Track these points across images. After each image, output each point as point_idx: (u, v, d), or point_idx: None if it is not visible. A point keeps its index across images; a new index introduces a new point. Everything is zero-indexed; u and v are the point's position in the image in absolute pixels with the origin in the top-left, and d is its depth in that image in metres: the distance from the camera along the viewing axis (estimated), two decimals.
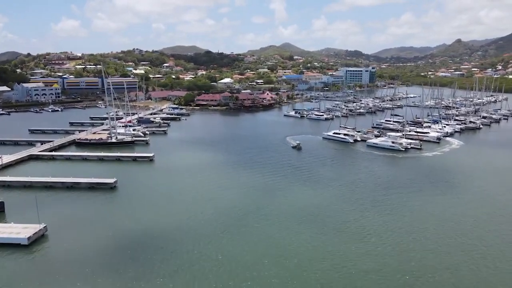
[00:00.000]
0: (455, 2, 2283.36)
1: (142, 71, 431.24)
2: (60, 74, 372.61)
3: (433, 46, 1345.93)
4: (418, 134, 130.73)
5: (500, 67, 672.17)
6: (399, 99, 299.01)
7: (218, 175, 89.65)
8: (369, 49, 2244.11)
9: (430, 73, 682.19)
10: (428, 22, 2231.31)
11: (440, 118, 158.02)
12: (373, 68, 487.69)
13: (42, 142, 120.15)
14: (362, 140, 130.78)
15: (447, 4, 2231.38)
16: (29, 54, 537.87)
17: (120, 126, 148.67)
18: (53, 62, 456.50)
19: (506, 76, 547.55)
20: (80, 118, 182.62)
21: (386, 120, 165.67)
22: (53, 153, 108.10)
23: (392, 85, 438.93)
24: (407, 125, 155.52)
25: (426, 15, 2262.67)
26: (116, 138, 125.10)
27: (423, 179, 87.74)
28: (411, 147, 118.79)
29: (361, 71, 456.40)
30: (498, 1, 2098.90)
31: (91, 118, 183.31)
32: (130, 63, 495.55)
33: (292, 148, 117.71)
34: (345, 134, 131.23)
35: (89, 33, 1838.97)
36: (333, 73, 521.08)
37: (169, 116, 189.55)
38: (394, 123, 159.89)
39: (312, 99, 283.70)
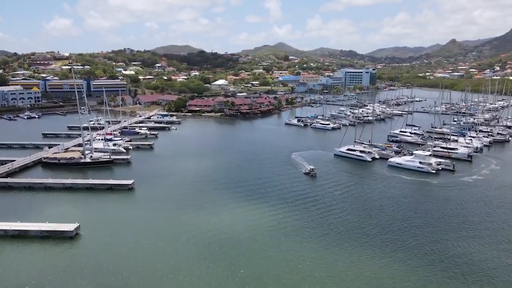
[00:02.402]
0: (450, 2, 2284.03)
1: (132, 72, 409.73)
2: (44, 75, 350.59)
3: (427, 46, 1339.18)
4: (448, 151, 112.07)
5: (498, 68, 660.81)
6: (404, 103, 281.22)
7: (215, 227, 64.55)
8: (363, 49, 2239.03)
9: (428, 73, 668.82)
10: (422, 22, 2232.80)
11: (467, 129, 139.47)
12: (373, 69, 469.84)
13: (2, 162, 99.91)
14: (380, 158, 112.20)
15: (441, 4, 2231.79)
16: (15, 54, 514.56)
17: (98, 139, 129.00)
18: (38, 62, 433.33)
19: (506, 77, 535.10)
20: (57, 127, 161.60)
21: (401, 131, 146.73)
22: (9, 179, 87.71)
23: (392, 87, 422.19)
24: (427, 138, 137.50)
25: (421, 14, 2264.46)
26: (91, 157, 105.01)
27: None
28: (442, 168, 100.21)
29: (361, 72, 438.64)
30: (492, 1, 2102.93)
31: (69, 128, 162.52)
32: (121, 64, 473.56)
33: (304, 174, 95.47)
34: (361, 151, 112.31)
35: (81, 32, 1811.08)
36: (330, 74, 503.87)
37: (157, 125, 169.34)
38: (411, 135, 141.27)
39: (313, 103, 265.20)
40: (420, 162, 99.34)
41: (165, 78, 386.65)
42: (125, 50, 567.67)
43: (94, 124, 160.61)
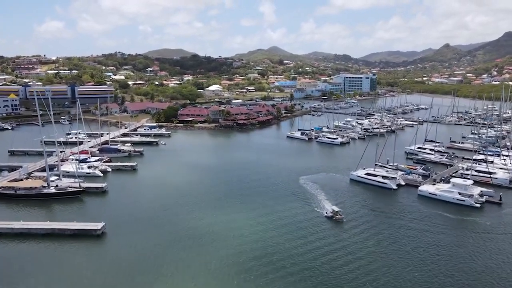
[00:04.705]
0: (443, 6, 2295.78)
1: (122, 77, 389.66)
2: (27, 80, 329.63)
3: (419, 51, 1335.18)
4: (490, 176, 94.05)
5: (495, 73, 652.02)
6: (411, 111, 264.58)
7: None
8: (356, 52, 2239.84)
9: (425, 78, 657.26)
10: (415, 27, 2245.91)
11: (493, 144, 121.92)
12: (373, 75, 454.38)
13: None
14: (406, 185, 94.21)
15: (435, 8, 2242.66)
16: (1, 57, 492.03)
17: (72, 159, 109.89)
18: (23, 66, 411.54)
19: (505, 82, 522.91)
20: (29, 142, 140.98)
21: (419, 148, 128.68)
22: None
23: (393, 93, 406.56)
24: (453, 157, 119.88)
25: (414, 19, 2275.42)
26: (57, 186, 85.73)
27: None
28: (486, 200, 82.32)
29: (361, 78, 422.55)
30: (484, 6, 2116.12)
31: (44, 143, 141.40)
32: (111, 68, 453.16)
33: (325, 218, 73.57)
34: (384, 177, 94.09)
35: (74, 35, 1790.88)
36: (327, 79, 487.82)
37: (143, 139, 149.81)
38: (434, 152, 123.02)
39: (314, 111, 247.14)
40: (459, 193, 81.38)
41: (157, 83, 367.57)
42: (116, 54, 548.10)
43: (71, 138, 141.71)
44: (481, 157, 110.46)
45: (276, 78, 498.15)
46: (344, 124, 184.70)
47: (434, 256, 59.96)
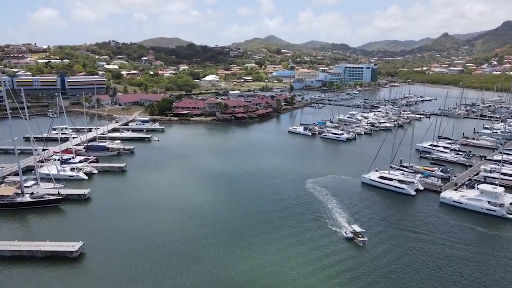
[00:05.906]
0: None
1: (116, 67, 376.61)
2: (16, 70, 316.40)
3: (417, 40, 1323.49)
4: None
5: (495, 63, 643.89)
6: (415, 103, 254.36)
7: None
8: (353, 42, 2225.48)
9: (424, 68, 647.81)
10: (413, 16, 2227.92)
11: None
12: (374, 65, 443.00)
13: None
14: (425, 189, 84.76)
15: None
16: None
17: (54, 160, 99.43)
18: (12, 55, 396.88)
19: (506, 72, 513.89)
20: (9, 138, 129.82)
21: (432, 146, 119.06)
22: None
23: (394, 83, 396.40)
24: (471, 156, 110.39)
25: (412, 8, 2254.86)
26: (32, 193, 75.45)
27: None
28: None
29: (362, 68, 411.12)
30: None
31: (26, 139, 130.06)
32: (105, 57, 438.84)
33: (345, 239, 61.98)
34: (400, 181, 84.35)
35: (68, 24, 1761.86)
36: (325, 68, 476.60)
37: (134, 135, 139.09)
38: (449, 151, 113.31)
39: (314, 103, 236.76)
40: (489, 202, 71.95)
41: (151, 73, 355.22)
42: (110, 43, 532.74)
43: (57, 133, 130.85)
44: (505, 157, 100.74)
45: (274, 67, 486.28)
46: (348, 117, 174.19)
47: None
